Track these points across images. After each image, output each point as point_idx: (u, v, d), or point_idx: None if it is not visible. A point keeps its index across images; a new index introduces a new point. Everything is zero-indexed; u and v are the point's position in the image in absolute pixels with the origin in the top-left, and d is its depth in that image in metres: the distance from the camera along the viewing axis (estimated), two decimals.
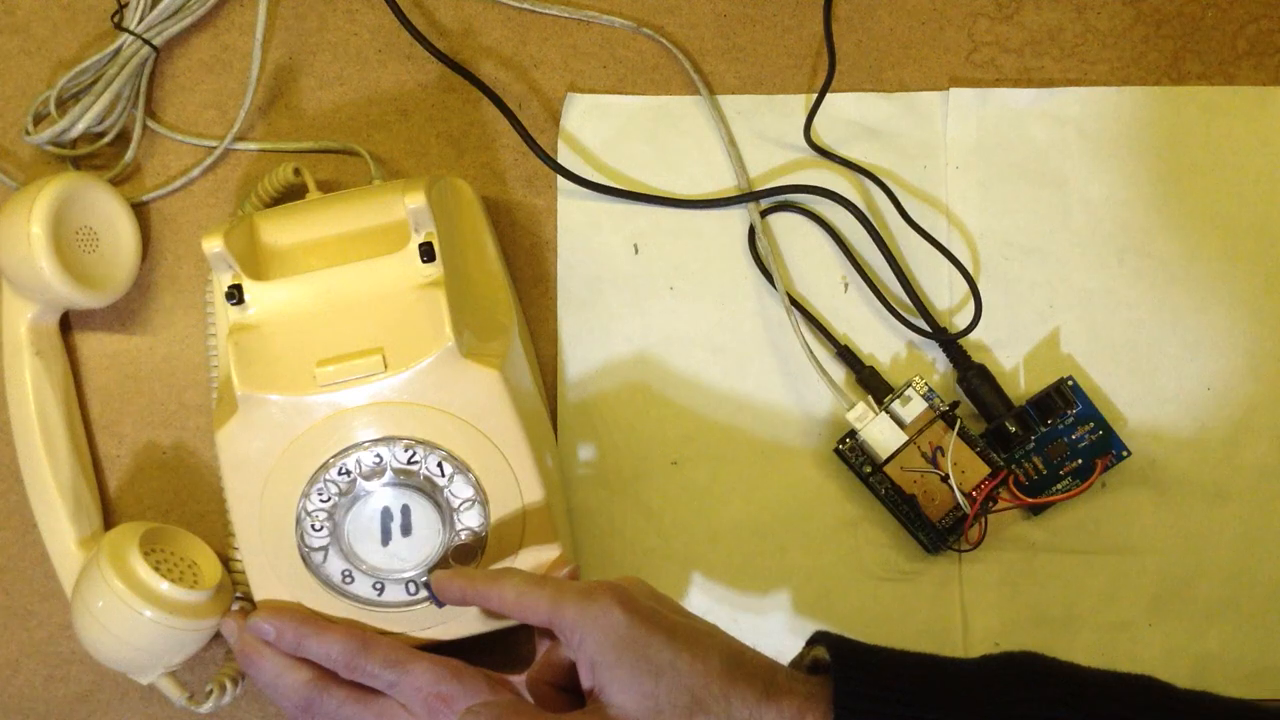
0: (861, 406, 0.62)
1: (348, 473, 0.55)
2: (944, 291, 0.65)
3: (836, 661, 0.48)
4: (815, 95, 0.65)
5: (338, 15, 0.66)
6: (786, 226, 0.66)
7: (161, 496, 0.64)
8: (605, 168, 0.66)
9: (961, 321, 0.65)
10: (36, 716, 0.64)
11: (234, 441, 0.55)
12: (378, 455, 0.55)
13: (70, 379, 0.63)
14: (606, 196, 0.65)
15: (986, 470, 0.62)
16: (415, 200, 0.54)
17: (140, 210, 0.65)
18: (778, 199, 0.66)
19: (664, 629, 0.49)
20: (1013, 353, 0.65)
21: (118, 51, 0.63)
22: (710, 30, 0.67)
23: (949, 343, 0.64)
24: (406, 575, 0.56)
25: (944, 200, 0.66)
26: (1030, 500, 0.63)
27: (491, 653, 0.57)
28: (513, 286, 0.64)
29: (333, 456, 0.55)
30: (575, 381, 0.65)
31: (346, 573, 0.56)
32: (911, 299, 0.64)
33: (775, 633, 0.64)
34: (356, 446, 0.55)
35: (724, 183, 0.66)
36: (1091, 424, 0.63)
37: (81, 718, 0.64)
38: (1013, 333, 0.65)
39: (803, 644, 0.53)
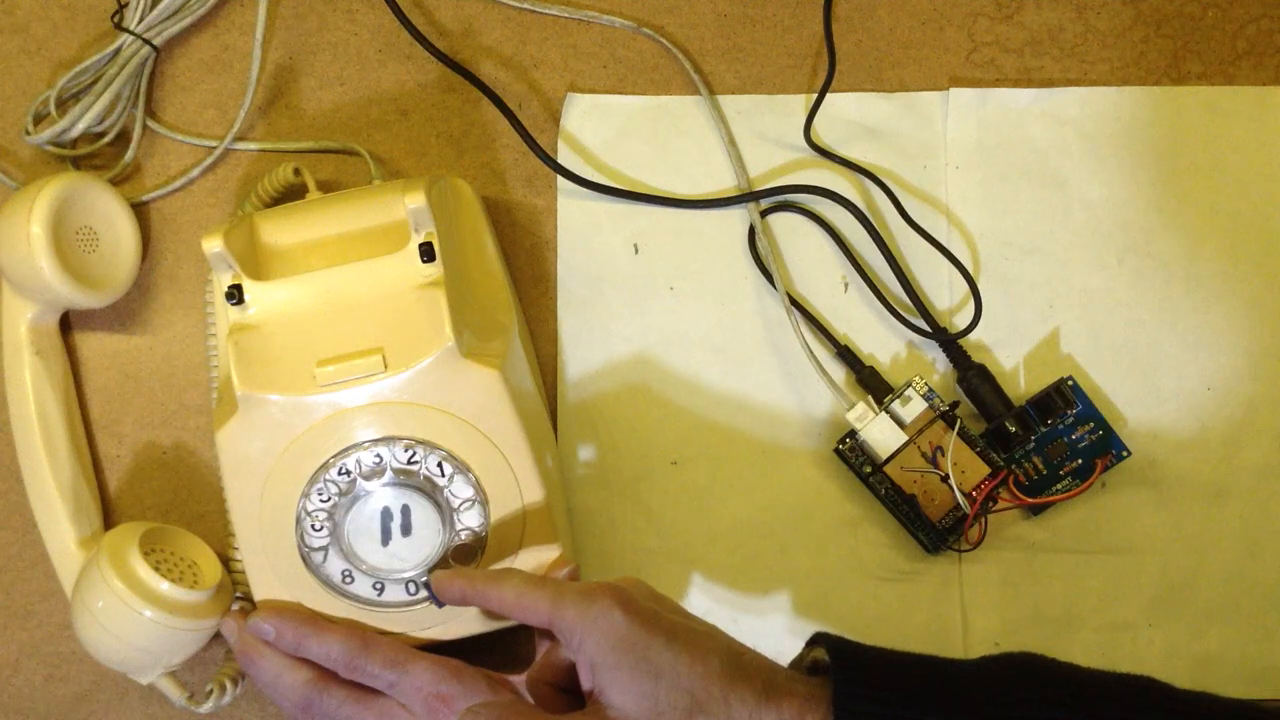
0: (861, 406, 0.62)
1: (348, 473, 0.55)
2: (944, 291, 0.65)
3: (836, 662, 0.48)
4: (815, 95, 0.65)
5: (338, 15, 0.66)
6: (786, 226, 0.66)
7: (161, 496, 0.64)
8: (605, 168, 0.66)
9: (961, 321, 0.65)
10: (36, 716, 0.64)
11: (234, 441, 0.55)
12: (378, 455, 0.55)
13: (70, 379, 0.63)
14: (606, 196, 0.65)
15: (986, 470, 0.62)
16: (415, 200, 0.54)
17: (140, 210, 0.65)
18: (778, 199, 0.65)
19: (664, 630, 0.49)
20: (1013, 353, 0.65)
21: (118, 51, 0.63)
22: (710, 30, 0.66)
23: (949, 343, 0.64)
24: (406, 575, 0.56)
25: (944, 200, 0.66)
26: (1030, 500, 0.63)
27: (491, 653, 0.57)
28: (513, 286, 0.64)
29: (333, 456, 0.55)
30: (575, 381, 0.65)
31: (346, 573, 0.56)
32: (911, 299, 0.64)
33: (775, 633, 0.64)
34: (356, 446, 0.55)
35: (724, 183, 0.66)
36: (1091, 424, 0.63)
37: (81, 718, 0.64)
38: (1013, 333, 0.65)
39: (803, 644, 0.53)
